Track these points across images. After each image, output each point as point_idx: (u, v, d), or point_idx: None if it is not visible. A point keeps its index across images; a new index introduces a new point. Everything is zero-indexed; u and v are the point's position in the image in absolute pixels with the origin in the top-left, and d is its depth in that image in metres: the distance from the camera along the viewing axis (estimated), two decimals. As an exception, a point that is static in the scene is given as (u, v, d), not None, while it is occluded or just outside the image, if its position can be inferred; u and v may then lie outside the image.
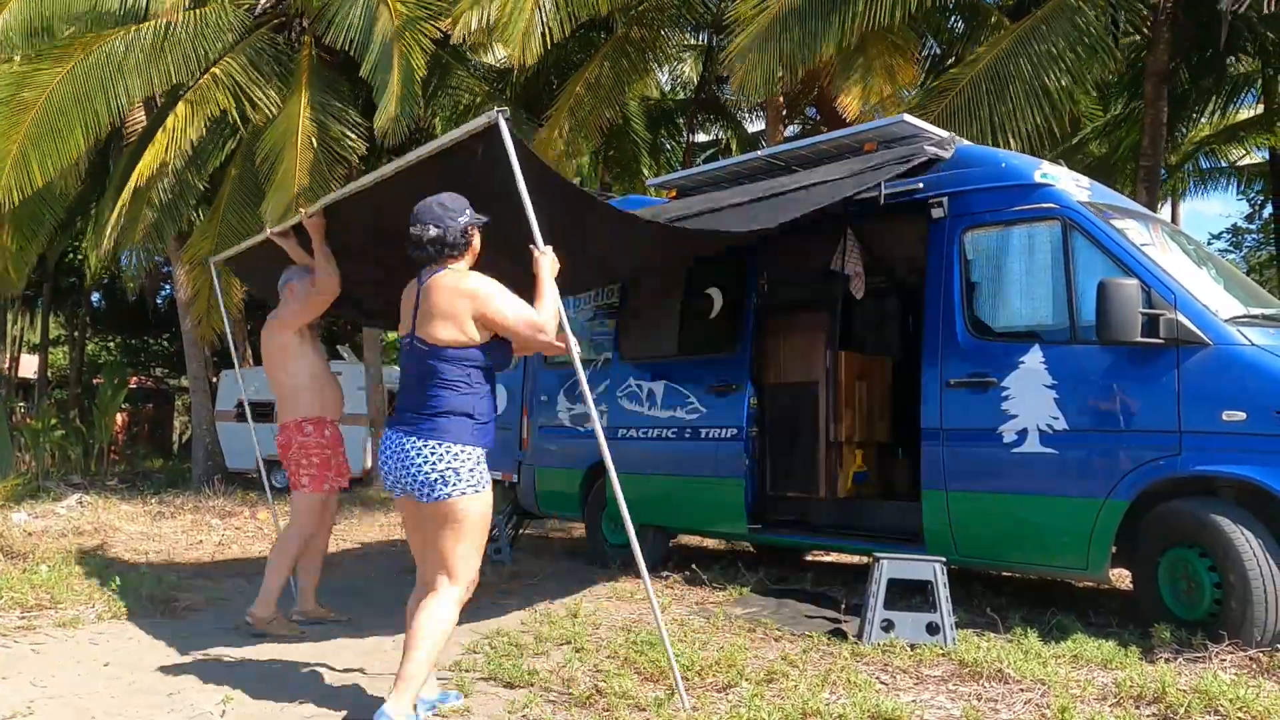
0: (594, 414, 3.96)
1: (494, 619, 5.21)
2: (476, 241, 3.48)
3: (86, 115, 11.55)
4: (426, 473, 3.29)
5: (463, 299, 3.33)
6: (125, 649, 4.59)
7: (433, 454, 3.29)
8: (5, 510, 9.84)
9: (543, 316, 3.40)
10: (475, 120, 3.83)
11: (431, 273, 3.43)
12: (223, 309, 7.13)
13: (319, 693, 3.85)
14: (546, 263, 3.57)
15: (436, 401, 3.34)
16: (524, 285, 3.53)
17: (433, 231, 3.38)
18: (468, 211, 3.45)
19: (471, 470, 3.32)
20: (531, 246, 3.60)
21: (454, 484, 3.28)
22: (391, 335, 24.22)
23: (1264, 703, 3.35)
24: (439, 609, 3.30)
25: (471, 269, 3.49)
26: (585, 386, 3.89)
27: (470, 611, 5.44)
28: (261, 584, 5.00)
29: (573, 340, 3.79)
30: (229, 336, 7.95)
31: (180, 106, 11.86)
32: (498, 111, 3.70)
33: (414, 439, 3.33)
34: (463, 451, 3.31)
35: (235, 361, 8.29)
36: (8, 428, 15.75)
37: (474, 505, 3.32)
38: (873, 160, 5.73)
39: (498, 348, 3.42)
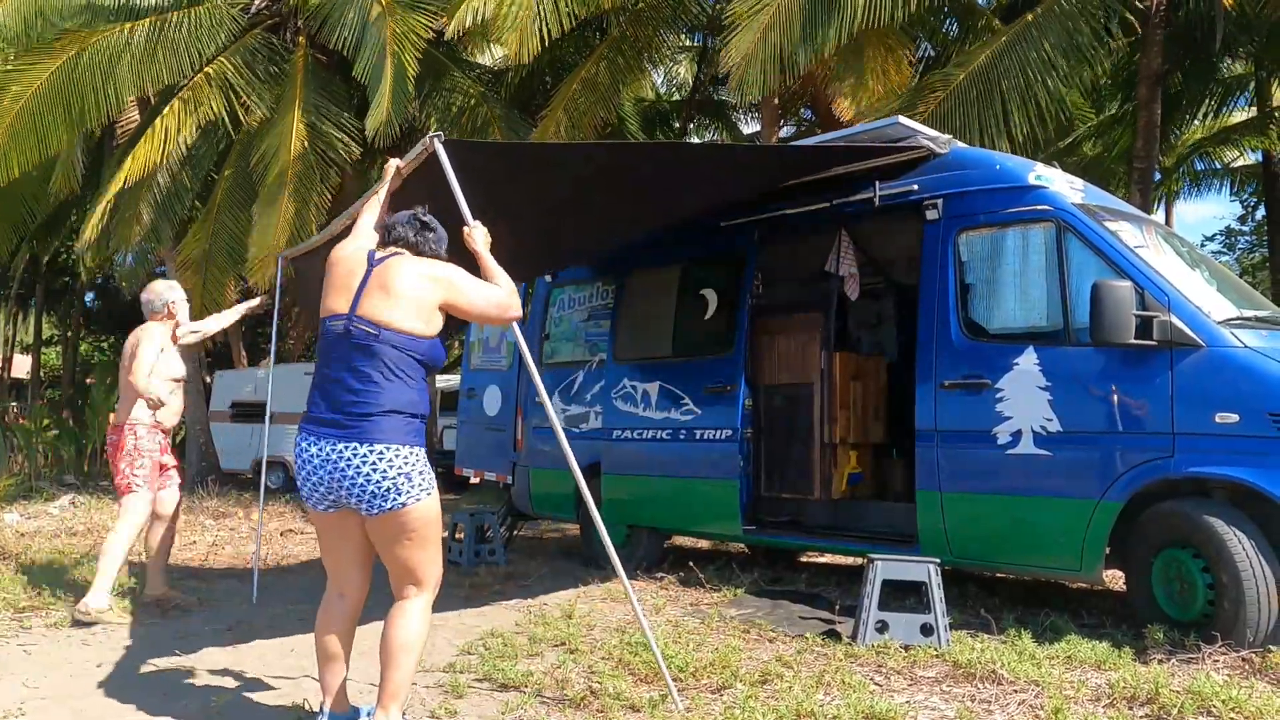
0: (552, 412, 3.97)
1: (488, 620, 5.20)
2: None
3: (73, 112, 11.53)
4: (376, 481, 2.92)
5: (434, 285, 3.06)
6: (118, 650, 4.57)
7: (380, 460, 2.92)
8: (-3, 511, 9.80)
9: (505, 291, 3.21)
10: (414, 150, 3.85)
11: (384, 253, 3.16)
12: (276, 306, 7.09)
13: (311, 694, 3.84)
14: (480, 235, 3.45)
15: (377, 397, 2.96)
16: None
17: (436, 233, 3.24)
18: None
19: (422, 473, 3.01)
20: (465, 229, 3.49)
21: (408, 491, 2.96)
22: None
23: (1256, 703, 3.36)
24: (417, 620, 3.06)
25: None
26: (539, 383, 3.90)
27: (464, 612, 5.45)
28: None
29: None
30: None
31: (172, 106, 11.84)
32: (432, 137, 3.72)
33: (354, 444, 2.94)
34: (411, 454, 2.98)
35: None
36: (0, 428, 15.71)
37: (431, 509, 3.04)
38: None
39: (442, 342, 3.17)
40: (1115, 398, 4.56)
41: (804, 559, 7.48)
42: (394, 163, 3.90)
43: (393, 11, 10.95)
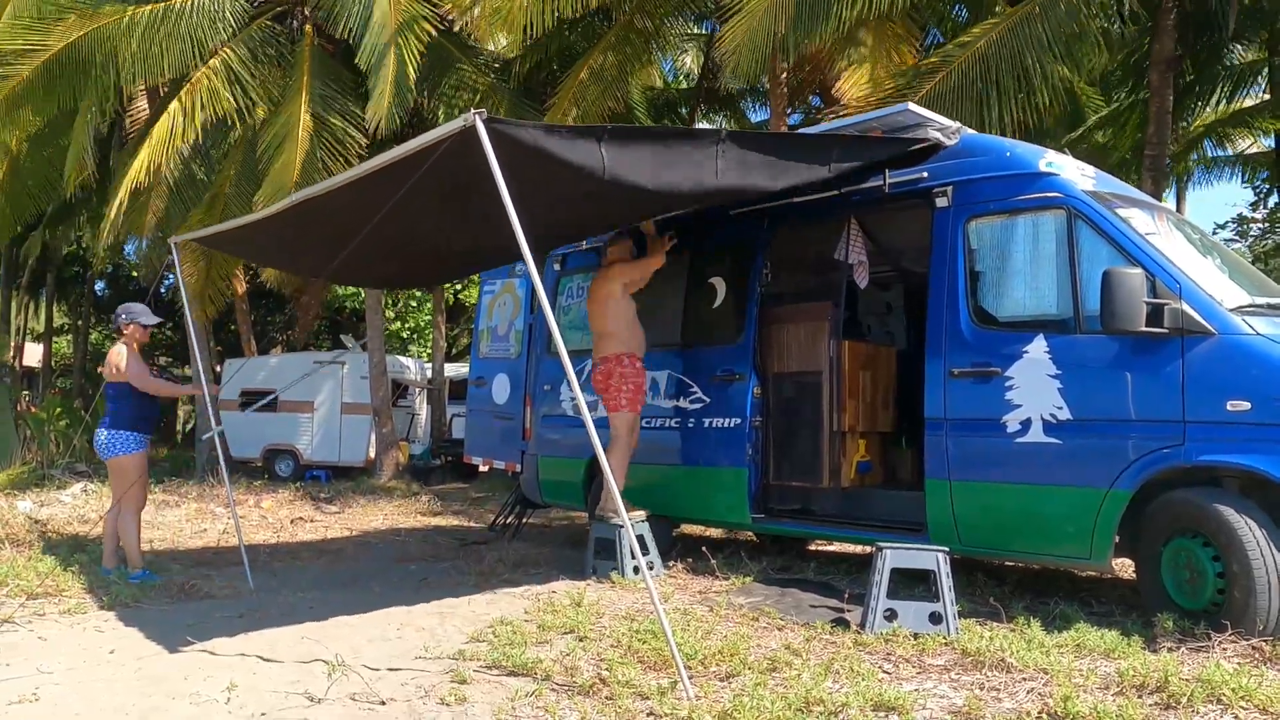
0: (583, 405, 3.99)
1: (497, 608, 5.22)
2: None
3: (78, 102, 11.57)
4: None
5: None
6: (130, 637, 4.61)
7: None
8: (10, 498, 9.88)
9: None
10: (452, 122, 3.84)
11: None
12: (184, 292, 7.08)
13: (322, 678, 3.86)
14: None
15: None
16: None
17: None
18: None
19: None
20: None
21: None
22: (395, 326, 24.28)
23: (1266, 692, 3.35)
24: None
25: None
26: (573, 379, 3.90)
27: (474, 600, 5.47)
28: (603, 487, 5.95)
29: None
30: (190, 325, 7.92)
31: (181, 98, 11.86)
32: (475, 114, 3.69)
33: None
34: None
35: (195, 352, 8.31)
36: (12, 417, 15.80)
37: None
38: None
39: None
40: (1126, 386, 4.54)
41: (812, 547, 7.49)
42: None
43: (397, 3, 10.93)
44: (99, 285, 26.54)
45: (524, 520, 8.57)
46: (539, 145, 4.12)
